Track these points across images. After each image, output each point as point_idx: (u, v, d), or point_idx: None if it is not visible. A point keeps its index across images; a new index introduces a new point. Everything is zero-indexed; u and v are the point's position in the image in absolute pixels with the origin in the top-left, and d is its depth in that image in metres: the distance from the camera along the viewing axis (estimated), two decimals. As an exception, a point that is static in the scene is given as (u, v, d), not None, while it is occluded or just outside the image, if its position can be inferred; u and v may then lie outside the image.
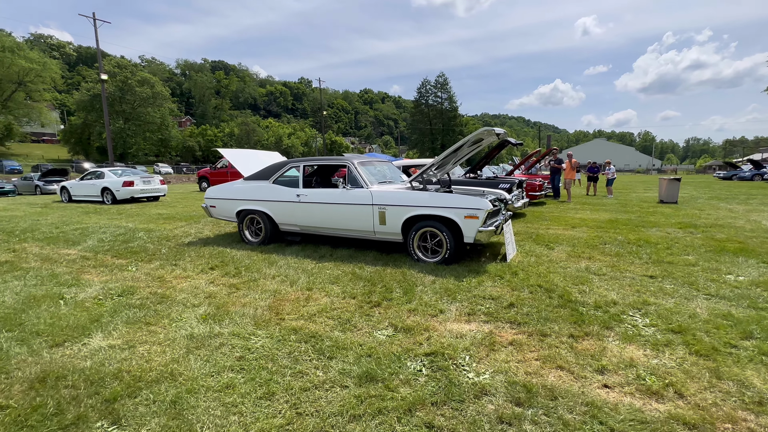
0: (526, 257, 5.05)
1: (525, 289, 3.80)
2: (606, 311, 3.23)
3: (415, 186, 5.21)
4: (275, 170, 5.91)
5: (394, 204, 4.85)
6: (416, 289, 3.82)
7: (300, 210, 5.58)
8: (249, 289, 3.93)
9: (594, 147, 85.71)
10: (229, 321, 3.12)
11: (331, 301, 3.58)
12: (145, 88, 58.51)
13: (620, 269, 4.46)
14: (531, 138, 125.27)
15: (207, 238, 6.70)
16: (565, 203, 11.91)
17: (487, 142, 5.36)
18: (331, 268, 4.66)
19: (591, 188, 15.70)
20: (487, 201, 4.48)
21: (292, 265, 4.78)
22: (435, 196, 4.68)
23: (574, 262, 4.82)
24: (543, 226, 7.52)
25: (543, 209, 10.32)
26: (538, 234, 6.60)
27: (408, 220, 4.85)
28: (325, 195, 5.39)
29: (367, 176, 5.24)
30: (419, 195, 4.78)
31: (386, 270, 4.51)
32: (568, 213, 9.45)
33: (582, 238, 6.21)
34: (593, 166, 15.53)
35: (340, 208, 5.24)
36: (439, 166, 5.57)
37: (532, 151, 13.17)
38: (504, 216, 5.16)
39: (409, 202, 4.77)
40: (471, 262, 4.82)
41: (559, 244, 5.84)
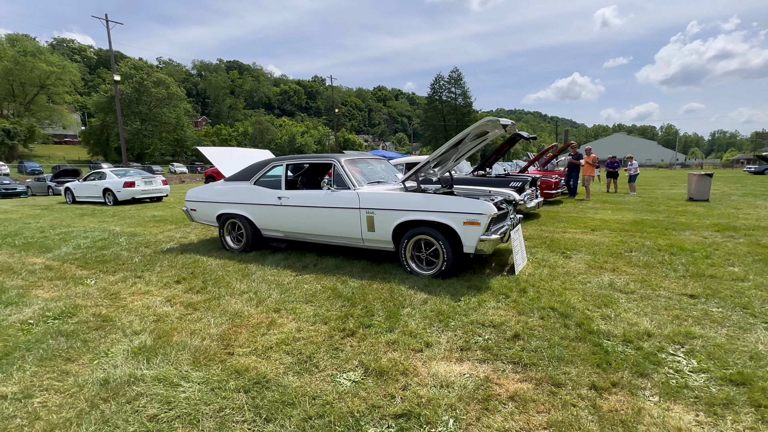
0: (537, 268, 4.34)
1: (535, 312, 3.12)
2: (638, 347, 2.53)
3: (408, 186, 4.55)
4: (256, 170, 5.33)
5: (384, 208, 4.21)
6: (402, 313, 3.18)
7: (282, 214, 5.00)
8: (207, 310, 3.36)
9: (614, 141, 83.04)
10: (163, 357, 2.54)
11: (298, 328, 2.97)
12: (160, 89, 59.21)
13: (652, 285, 3.72)
14: (548, 133, 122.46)
15: (189, 243, 6.19)
16: (584, 202, 11.05)
17: (494, 135, 4.67)
18: (311, 282, 4.06)
19: (611, 185, 14.72)
20: (491, 204, 3.79)
21: (268, 278, 4.20)
22: (430, 199, 4.03)
23: (596, 274, 4.10)
24: (559, 229, 6.76)
25: (559, 209, 9.51)
26: (553, 239, 5.86)
27: (399, 227, 4.21)
28: (308, 197, 4.79)
29: (354, 176, 4.62)
30: (412, 197, 4.13)
31: (372, 285, 3.88)
32: (587, 213, 8.63)
33: (604, 244, 5.45)
34: (612, 161, 14.54)
35: (324, 212, 4.63)
36: (438, 163, 4.91)
37: (548, 146, 12.30)
38: (512, 220, 4.46)
39: (401, 206, 4.13)
40: (472, 274, 4.15)
41: (577, 251, 5.10)
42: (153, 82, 58.77)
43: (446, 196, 4.00)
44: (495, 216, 3.77)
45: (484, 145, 4.95)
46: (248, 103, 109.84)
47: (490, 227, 3.87)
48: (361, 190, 4.42)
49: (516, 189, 7.37)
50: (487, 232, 3.82)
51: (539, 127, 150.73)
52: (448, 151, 4.46)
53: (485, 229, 3.75)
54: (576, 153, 12.04)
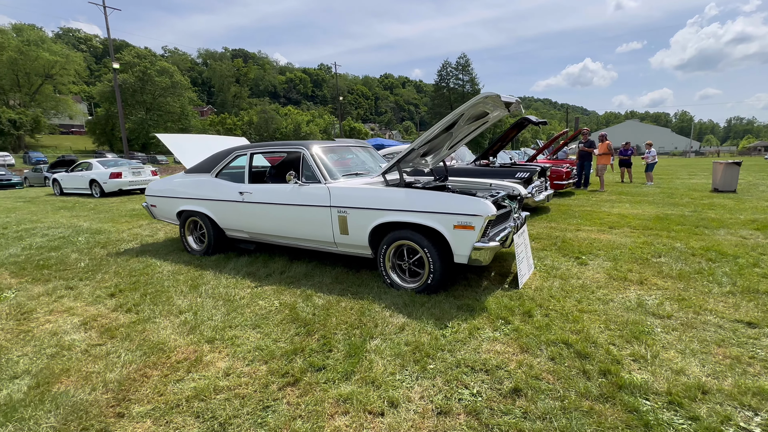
0: (547, 280, 3.56)
1: (543, 349, 2.36)
2: (690, 413, 1.77)
3: (390, 180, 3.77)
4: (218, 161, 4.59)
5: (358, 206, 3.45)
6: (368, 347, 2.44)
7: (244, 212, 4.26)
8: (125, 339, 2.66)
9: (626, 129, 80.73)
10: (17, 424, 1.83)
11: (228, 369, 2.25)
12: (164, 78, 58.63)
13: (693, 306, 2.93)
14: (558, 121, 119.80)
15: (152, 243, 5.50)
16: (598, 193, 10.16)
17: (496, 117, 3.87)
18: (269, 297, 3.34)
19: (625, 175, 13.73)
20: (488, 203, 3.01)
21: (219, 291, 3.48)
22: (413, 196, 3.25)
23: (619, 288, 3.31)
24: (572, 225, 5.94)
25: (571, 201, 8.66)
26: (565, 239, 5.05)
27: (377, 229, 3.46)
28: (272, 193, 4.04)
29: (326, 167, 3.85)
30: (391, 194, 3.35)
31: (341, 303, 3.14)
32: (602, 207, 7.77)
33: (625, 246, 4.63)
34: (626, 148, 13.50)
35: (290, 210, 3.88)
36: (428, 151, 4.12)
37: (558, 132, 11.38)
38: (517, 221, 3.67)
39: (378, 204, 3.36)
40: (466, 288, 3.39)
41: (595, 255, 4.30)
42: (157, 70, 58.17)
43: (433, 193, 3.22)
44: (494, 217, 2.98)
45: (485, 129, 4.16)
46: (253, 92, 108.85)
47: (487, 231, 3.09)
48: (333, 185, 3.65)
49: (523, 180, 6.54)
50: (483, 237, 3.05)
51: (549, 115, 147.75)
52: (438, 136, 3.66)
53: (481, 233, 2.97)
54: (588, 140, 11.08)
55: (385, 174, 3.64)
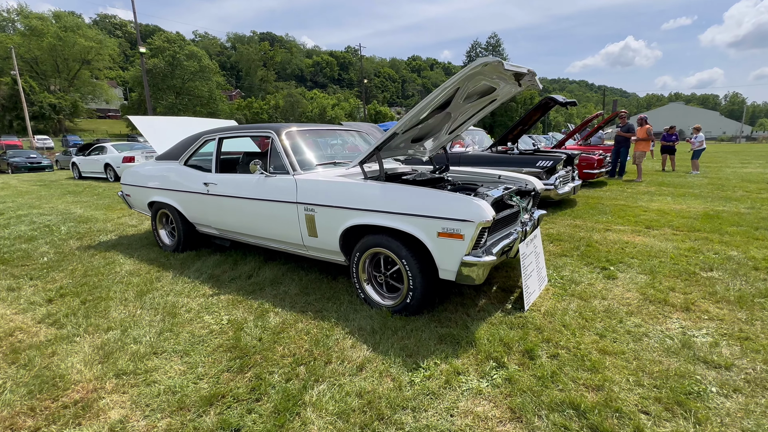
0: (562, 299, 2.84)
1: (542, 416, 1.68)
2: None
3: (370, 172, 3.10)
4: (186, 146, 4.06)
5: (326, 203, 2.82)
6: (306, 398, 1.84)
7: (210, 205, 3.72)
8: (23, 366, 2.17)
9: (669, 112, 75.57)
10: None
11: (118, 423, 1.72)
12: (192, 62, 59.30)
13: (763, 349, 2.15)
14: (594, 104, 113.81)
15: (130, 236, 5.10)
16: (634, 183, 9.08)
17: (507, 94, 3.13)
18: (220, 310, 2.80)
19: (667, 162, 12.39)
20: (483, 204, 2.30)
21: (169, 300, 2.97)
22: (390, 194, 2.58)
23: (657, 316, 2.56)
24: (600, 224, 5.10)
25: (602, 193, 7.69)
26: (591, 242, 4.25)
27: (350, 232, 2.83)
28: (237, 184, 3.46)
29: (296, 155, 3.22)
30: (365, 190, 2.70)
31: (298, 323, 2.56)
32: (638, 200, 6.81)
33: (666, 253, 3.80)
34: (670, 133, 12.13)
35: (255, 205, 3.30)
36: (424, 135, 3.43)
37: (591, 114, 10.26)
38: (526, 224, 2.94)
39: (349, 202, 2.71)
40: (456, 308, 2.72)
41: (626, 265, 3.52)
42: (185, 55, 58.83)
43: (415, 189, 2.54)
44: (489, 223, 2.28)
45: (495, 108, 3.43)
46: (281, 76, 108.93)
47: (481, 240, 2.39)
48: (302, 177, 3.03)
49: (544, 170, 5.71)
50: (476, 248, 2.36)
51: (584, 97, 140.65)
52: (431, 116, 2.95)
53: (472, 243, 2.29)
54: (626, 124, 9.90)
55: (363, 164, 2.97)
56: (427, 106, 2.57)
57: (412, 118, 2.66)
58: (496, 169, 6.14)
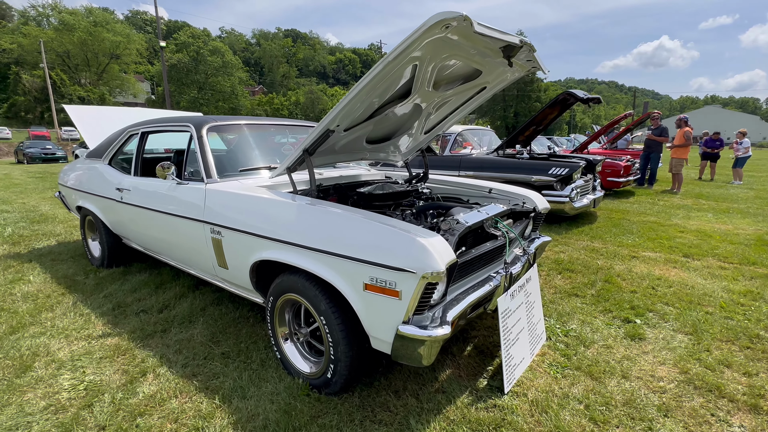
0: (561, 377, 1.97)
1: None
2: None
3: (301, 190, 2.26)
4: (110, 143, 3.37)
5: (232, 226, 2.04)
6: None
7: (124, 216, 3.01)
8: None
9: (704, 116, 71.62)
10: None
11: None
12: (216, 58, 59.87)
13: None
14: (624, 105, 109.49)
15: (70, 243, 4.47)
16: (668, 195, 7.96)
17: (502, 80, 2.31)
18: (94, 362, 2.08)
19: (706, 170, 11.09)
20: (438, 245, 1.47)
21: (39, 342, 2.27)
22: (308, 218, 1.78)
23: (707, 420, 1.67)
24: (624, 248, 4.15)
25: (629, 206, 6.66)
26: (611, 275, 3.33)
27: (261, 268, 2.04)
28: (147, 193, 2.73)
29: (215, 156, 2.45)
30: (278, 210, 1.90)
31: (176, 397, 1.79)
32: (673, 216, 5.76)
33: (712, 299, 2.86)
34: (712, 139, 10.83)
35: (163, 220, 2.56)
36: (388, 134, 2.62)
37: (619, 115, 9.13)
38: (514, 263, 2.07)
39: (256, 226, 1.92)
40: (404, 379, 1.90)
41: (659, 316, 2.60)
42: (209, 50, 59.44)
43: (336, 214, 1.71)
44: (442, 276, 1.43)
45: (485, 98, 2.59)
46: (303, 72, 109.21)
47: (431, 298, 1.55)
48: (214, 186, 2.26)
49: (558, 179, 4.78)
50: (423, 310, 1.53)
51: (613, 99, 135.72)
52: (383, 107, 2.14)
53: (414, 304, 1.46)
54: (659, 126, 8.75)
55: (292, 171, 2.16)
56: (366, 90, 1.74)
57: (348, 107, 1.84)
58: (498, 177, 5.27)
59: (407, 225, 1.60)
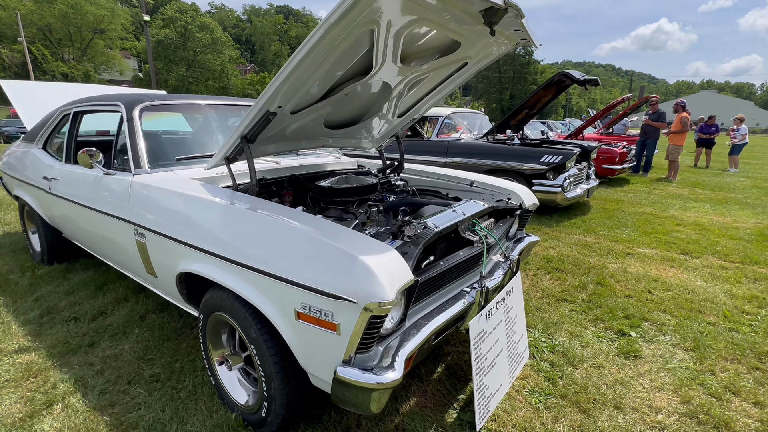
0: (544, 407, 1.69)
1: None
2: None
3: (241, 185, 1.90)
4: (44, 124, 2.97)
5: (155, 229, 1.69)
6: None
7: (54, 208, 2.65)
8: None
9: (700, 100, 71.24)
10: None
11: None
12: (204, 35, 57.76)
13: None
14: (620, 89, 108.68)
15: (16, 234, 4.09)
16: (663, 183, 7.69)
17: (484, 54, 1.96)
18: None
19: (702, 157, 10.83)
20: (393, 262, 1.14)
21: (-67, 362, 1.93)
22: (231, 221, 1.44)
23: (714, 466, 1.40)
24: (619, 243, 3.87)
25: (623, 195, 6.38)
26: (604, 276, 3.05)
27: (190, 279, 1.70)
28: (74, 183, 2.37)
29: (147, 142, 2.08)
30: (204, 211, 1.56)
31: (73, 442, 1.48)
32: (669, 207, 5.49)
33: (715, 306, 2.59)
34: (708, 124, 10.53)
35: (89, 216, 2.21)
36: (350, 117, 2.27)
37: (616, 99, 8.75)
38: (486, 280, 1.76)
39: (179, 230, 1.58)
40: (358, 415, 1.60)
41: (656, 327, 2.32)
42: (197, 26, 57.33)
43: (277, 221, 1.37)
44: (388, 310, 1.11)
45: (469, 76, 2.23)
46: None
47: (378, 330, 1.23)
48: (142, 178, 1.90)
49: (550, 167, 4.45)
50: (368, 347, 1.20)
51: (610, 82, 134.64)
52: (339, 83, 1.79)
53: (356, 341, 1.14)
54: (656, 111, 8.40)
55: (231, 161, 1.81)
56: (306, 64, 1.38)
57: (287, 85, 1.47)
58: (487, 164, 4.93)
59: (356, 236, 1.27)
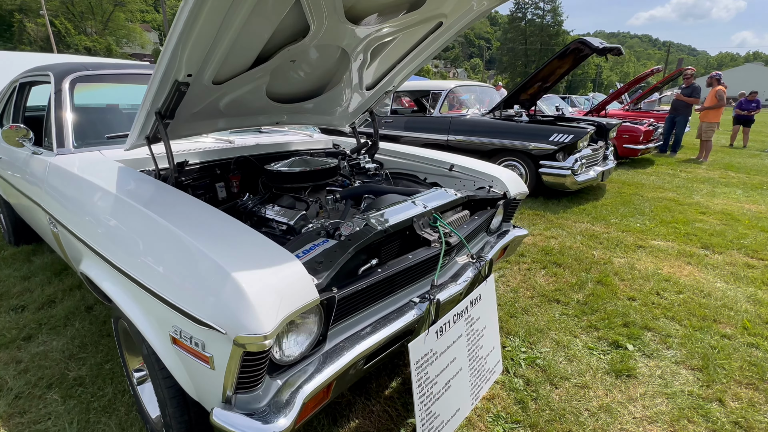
0: (510, 434, 1.43)
1: None
2: None
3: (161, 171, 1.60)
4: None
5: (62, 220, 1.48)
6: None
7: (3, 187, 2.49)
8: None
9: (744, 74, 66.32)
10: None
11: None
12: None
13: None
14: (656, 62, 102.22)
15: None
16: (693, 164, 7.07)
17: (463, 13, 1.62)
18: None
19: (738, 135, 9.97)
20: (294, 280, 0.88)
21: None
22: (120, 216, 1.19)
23: None
24: (630, 233, 3.48)
25: (645, 177, 5.86)
26: (607, 273, 2.71)
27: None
28: (11, 163, 2.18)
29: (77, 116, 1.85)
30: (100, 202, 1.32)
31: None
32: (695, 192, 4.99)
33: (733, 315, 2.23)
34: (748, 100, 9.63)
35: (20, 198, 2.03)
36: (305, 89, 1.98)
37: (645, 71, 8.01)
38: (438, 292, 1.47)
39: (79, 224, 1.35)
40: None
41: (659, 339, 2.00)
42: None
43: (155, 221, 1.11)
44: (266, 347, 0.85)
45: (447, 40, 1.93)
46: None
47: (262, 363, 0.97)
48: (60, 159, 1.67)
49: (560, 147, 4.04)
50: (253, 385, 0.94)
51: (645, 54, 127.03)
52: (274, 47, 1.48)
53: (231, 379, 0.89)
54: (691, 85, 7.64)
55: (152, 142, 1.54)
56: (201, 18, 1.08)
57: (187, 45, 1.18)
58: (491, 143, 4.53)
59: (254, 244, 1.00)
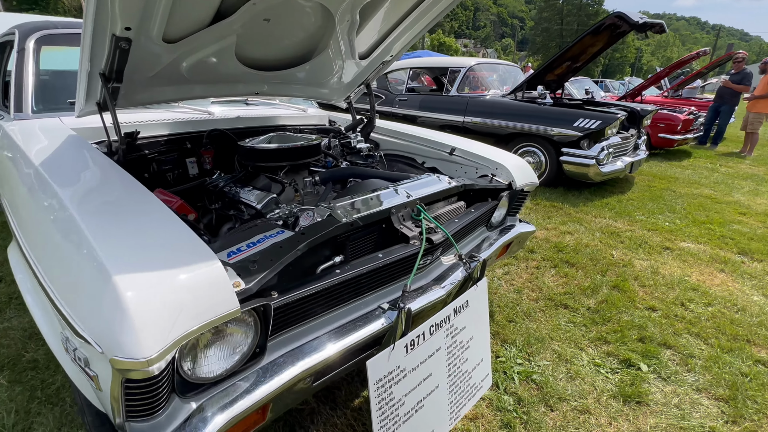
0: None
1: None
2: None
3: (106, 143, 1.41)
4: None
5: (3, 194, 1.35)
6: None
7: None
8: None
9: (801, 62, 61.12)
10: None
11: None
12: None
13: None
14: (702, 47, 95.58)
15: None
16: (735, 159, 6.49)
17: None
18: None
19: (791, 129, 9.11)
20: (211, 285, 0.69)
21: None
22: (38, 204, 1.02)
23: None
24: (657, 233, 3.15)
25: (679, 171, 5.39)
26: (626, 277, 2.43)
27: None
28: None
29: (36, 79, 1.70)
30: (24, 178, 1.16)
31: None
32: (734, 191, 4.54)
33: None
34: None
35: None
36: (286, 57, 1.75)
37: (688, 54, 7.32)
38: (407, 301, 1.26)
39: (13, 206, 1.21)
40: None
41: (678, 360, 1.75)
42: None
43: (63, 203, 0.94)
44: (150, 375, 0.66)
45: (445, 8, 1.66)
46: None
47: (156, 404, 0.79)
48: (14, 124, 1.53)
49: (585, 134, 3.69)
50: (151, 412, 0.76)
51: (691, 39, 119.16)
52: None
53: (118, 405, 0.71)
54: (741, 71, 6.96)
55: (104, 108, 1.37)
56: None
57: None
58: (510, 126, 4.19)
59: (169, 237, 0.82)
